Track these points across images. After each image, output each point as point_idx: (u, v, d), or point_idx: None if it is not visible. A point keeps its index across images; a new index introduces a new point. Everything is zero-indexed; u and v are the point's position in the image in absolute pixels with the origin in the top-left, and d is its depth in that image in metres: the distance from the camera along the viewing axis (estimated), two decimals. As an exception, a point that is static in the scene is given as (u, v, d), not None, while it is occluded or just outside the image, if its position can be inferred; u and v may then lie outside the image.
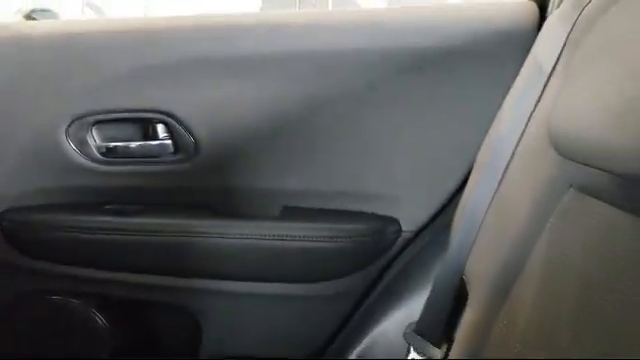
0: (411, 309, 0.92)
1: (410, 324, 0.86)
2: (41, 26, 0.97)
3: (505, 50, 0.87)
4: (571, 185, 0.62)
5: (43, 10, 1.46)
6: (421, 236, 0.95)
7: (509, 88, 0.81)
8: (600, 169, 0.56)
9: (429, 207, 0.94)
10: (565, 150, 0.63)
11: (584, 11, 0.73)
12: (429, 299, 0.86)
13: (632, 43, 0.56)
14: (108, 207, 0.97)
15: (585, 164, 0.59)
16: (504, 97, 0.82)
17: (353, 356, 0.95)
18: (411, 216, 0.95)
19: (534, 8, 0.91)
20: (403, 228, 0.95)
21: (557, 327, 0.57)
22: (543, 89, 0.74)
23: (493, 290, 0.71)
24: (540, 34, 0.81)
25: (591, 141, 0.57)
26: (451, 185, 0.91)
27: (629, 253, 0.50)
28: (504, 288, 0.68)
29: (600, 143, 0.55)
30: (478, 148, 0.84)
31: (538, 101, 0.74)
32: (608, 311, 0.51)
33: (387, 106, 0.91)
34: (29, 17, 1.34)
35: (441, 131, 0.92)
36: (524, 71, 0.80)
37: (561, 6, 0.83)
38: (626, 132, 0.50)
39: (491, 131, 0.83)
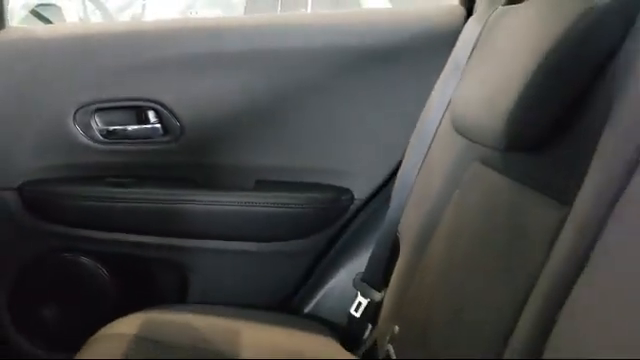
0: (361, 263, 1.04)
1: (358, 274, 1.01)
2: (54, 29, 1.09)
3: (435, 47, 0.99)
4: (474, 159, 0.78)
5: (47, 4, 1.54)
6: (370, 203, 1.09)
7: (437, 80, 0.96)
8: (485, 145, 0.72)
9: (376, 179, 1.07)
10: (462, 130, 0.80)
11: (491, 16, 0.88)
12: (372, 252, 1.01)
13: (509, 43, 0.71)
14: (108, 180, 1.07)
15: (475, 142, 0.76)
16: (433, 87, 0.97)
17: (314, 302, 1.10)
18: (362, 187, 1.08)
19: (462, 11, 1.04)
20: (355, 197, 1.08)
21: (455, 276, 0.73)
22: (459, 81, 0.89)
23: (415, 245, 0.87)
24: (461, 34, 0.95)
25: (475, 123, 0.74)
26: (394, 161, 1.03)
27: (506, 210, 0.66)
28: (423, 244, 0.84)
29: (481, 125, 0.71)
30: (413, 131, 0.99)
31: (455, 91, 0.89)
32: (489, 262, 0.66)
33: (340, 96, 1.04)
34: (34, 12, 1.43)
35: (384, 117, 1.05)
36: (447, 66, 0.95)
37: (477, 10, 0.97)
38: (493, 116, 0.66)
39: (422, 116, 0.98)
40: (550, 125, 0.60)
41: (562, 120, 0.59)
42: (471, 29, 0.93)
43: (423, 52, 1.02)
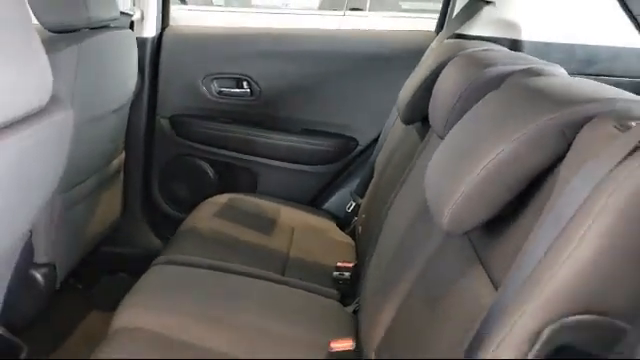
0: (356, 182, 1.64)
1: (353, 188, 1.61)
2: (193, 29, 1.70)
3: (411, 58, 1.53)
4: (408, 129, 1.34)
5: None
6: (368, 149, 1.67)
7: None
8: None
9: (373, 133, 1.66)
10: (399, 113, 1.37)
11: (437, 47, 1.40)
12: (361, 176, 1.60)
13: (423, 67, 1.25)
14: (219, 119, 1.69)
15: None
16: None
17: (327, 202, 1.71)
18: (363, 137, 1.67)
19: (433, 36, 1.57)
20: (359, 144, 1.68)
21: (391, 187, 1.32)
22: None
23: (379, 173, 1.46)
24: (425, 53, 1.48)
25: (400, 109, 1.30)
26: (384, 123, 1.60)
27: (409, 153, 1.24)
28: (382, 173, 1.43)
29: (400, 111, 1.28)
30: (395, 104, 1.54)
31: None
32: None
33: (355, 81, 1.63)
34: None
35: (380, 95, 1.62)
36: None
37: (435, 41, 1.49)
38: (402, 108, 1.23)
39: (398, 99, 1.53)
40: (423, 113, 1.18)
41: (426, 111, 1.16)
42: (428, 52, 1.47)
43: (405, 60, 1.57)
